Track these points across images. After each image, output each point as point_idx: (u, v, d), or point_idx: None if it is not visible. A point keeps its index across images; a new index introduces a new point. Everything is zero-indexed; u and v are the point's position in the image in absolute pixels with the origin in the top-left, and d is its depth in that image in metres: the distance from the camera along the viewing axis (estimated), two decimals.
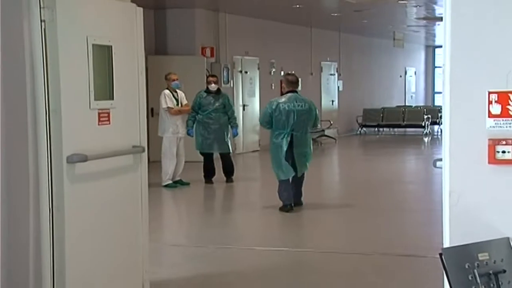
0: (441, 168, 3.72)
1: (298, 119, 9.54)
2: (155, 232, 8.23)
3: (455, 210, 3.63)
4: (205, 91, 12.53)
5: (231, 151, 12.81)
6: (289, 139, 9.55)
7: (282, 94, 10.07)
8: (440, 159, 3.76)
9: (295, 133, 9.58)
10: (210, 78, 12.72)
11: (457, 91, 3.62)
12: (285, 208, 9.77)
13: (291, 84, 9.86)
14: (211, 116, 12.38)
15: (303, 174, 9.95)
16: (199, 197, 11.71)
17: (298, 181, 9.97)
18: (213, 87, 12.44)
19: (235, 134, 12.74)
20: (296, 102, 9.61)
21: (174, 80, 12.06)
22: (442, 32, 3.70)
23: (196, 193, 11.98)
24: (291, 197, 9.81)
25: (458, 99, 3.62)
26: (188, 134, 12.35)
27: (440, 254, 3.38)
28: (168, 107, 11.86)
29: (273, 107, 9.60)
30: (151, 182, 12.14)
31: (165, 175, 12.05)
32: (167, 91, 12.00)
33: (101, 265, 4.93)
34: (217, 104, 12.40)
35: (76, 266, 4.67)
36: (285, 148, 9.52)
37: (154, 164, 14.49)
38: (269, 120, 9.63)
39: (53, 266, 4.55)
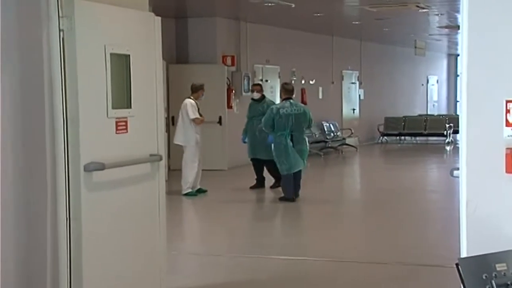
0: (458, 177, 3.69)
1: (296, 121, 11.30)
2: (174, 240, 8.25)
3: (472, 219, 3.59)
4: (251, 99, 13.21)
5: (266, 158, 12.64)
6: (289, 138, 11.25)
7: (283, 100, 11.76)
8: (457, 168, 3.72)
9: (294, 133, 11.32)
10: (253, 87, 13.45)
11: (474, 100, 3.59)
12: (287, 199, 11.42)
13: (288, 92, 11.74)
14: (251, 123, 12.86)
15: (301, 170, 11.48)
16: (218, 205, 11.71)
17: (297, 176, 11.50)
18: (254, 95, 13.03)
19: (269, 141, 12.66)
20: (292, 107, 11.42)
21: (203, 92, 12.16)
22: (459, 41, 3.68)
23: (215, 201, 11.98)
24: (292, 191, 11.47)
25: (476, 108, 3.59)
26: (242, 141, 13.09)
27: (457, 264, 3.34)
28: (195, 118, 11.87)
29: (274, 112, 11.40)
30: (172, 190, 12.19)
31: (186, 183, 12.07)
32: (192, 101, 11.95)
33: (118, 273, 4.93)
34: (256, 111, 12.75)
35: (93, 274, 4.67)
36: (290, 146, 11.24)
37: (175, 172, 14.55)
38: (272, 124, 11.35)
39: (70, 274, 4.56)
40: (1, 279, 4.34)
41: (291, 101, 11.56)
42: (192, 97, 12.04)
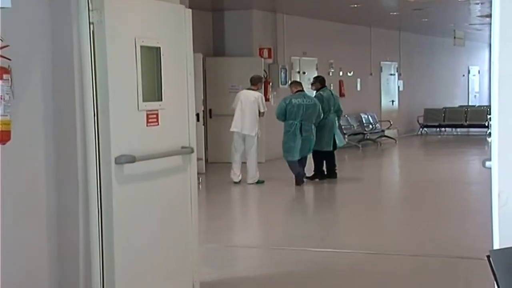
0: (490, 168, 3.63)
1: (306, 112, 12.13)
2: (211, 232, 8.28)
3: (504, 211, 3.53)
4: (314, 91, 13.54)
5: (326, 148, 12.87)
6: (299, 127, 12.03)
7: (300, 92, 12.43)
8: (489, 159, 3.66)
9: (303, 122, 12.08)
10: (312, 86, 13.63)
11: (506, 89, 3.52)
12: (298, 180, 12.14)
13: (297, 85, 12.67)
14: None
15: (306, 156, 12.39)
16: (256, 197, 11.72)
17: (303, 162, 12.37)
18: (313, 88, 13.40)
19: None
20: (304, 98, 12.29)
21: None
22: (492, 29, 3.60)
23: (253, 193, 12.00)
24: (301, 171, 12.27)
25: (508, 98, 3.51)
26: None
27: (488, 256, 3.29)
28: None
29: (287, 102, 12.26)
30: (211, 182, 12.25)
31: (256, 172, 12.38)
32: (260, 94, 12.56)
33: (151, 266, 4.95)
34: (320, 100, 12.84)
35: (126, 266, 4.70)
36: (299, 135, 12.04)
37: (213, 165, 14.61)
38: (284, 113, 12.19)
39: (103, 267, 4.59)
40: (35, 270, 4.40)
41: (303, 93, 12.36)
42: (252, 89, 12.41)
